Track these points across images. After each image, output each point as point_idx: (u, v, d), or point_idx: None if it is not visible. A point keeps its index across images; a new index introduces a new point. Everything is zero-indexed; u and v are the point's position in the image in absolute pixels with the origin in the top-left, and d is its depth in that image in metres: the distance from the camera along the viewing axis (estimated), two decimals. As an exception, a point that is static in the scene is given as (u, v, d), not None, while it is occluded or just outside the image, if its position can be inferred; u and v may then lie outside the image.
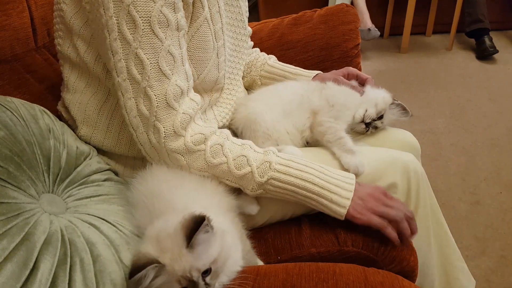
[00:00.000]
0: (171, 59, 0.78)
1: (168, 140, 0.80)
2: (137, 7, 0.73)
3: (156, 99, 0.78)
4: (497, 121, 2.32)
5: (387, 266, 0.85)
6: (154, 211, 0.76)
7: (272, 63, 1.23)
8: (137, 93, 0.78)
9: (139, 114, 0.79)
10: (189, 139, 0.81)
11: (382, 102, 1.06)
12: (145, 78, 0.76)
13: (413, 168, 0.97)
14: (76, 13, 0.85)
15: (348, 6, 1.47)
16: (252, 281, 0.72)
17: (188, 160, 0.82)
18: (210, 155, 0.82)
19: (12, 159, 0.67)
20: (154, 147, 0.82)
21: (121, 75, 0.77)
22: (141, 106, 0.78)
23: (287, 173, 0.83)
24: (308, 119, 1.04)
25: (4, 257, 0.57)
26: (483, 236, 1.60)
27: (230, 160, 0.83)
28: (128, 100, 0.79)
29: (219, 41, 0.94)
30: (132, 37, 0.74)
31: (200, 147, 0.82)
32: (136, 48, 0.75)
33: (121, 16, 0.74)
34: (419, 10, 3.03)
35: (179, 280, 0.64)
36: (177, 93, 0.79)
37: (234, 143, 0.85)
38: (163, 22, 0.76)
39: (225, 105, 1.05)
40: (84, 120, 0.92)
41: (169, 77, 0.78)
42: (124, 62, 0.76)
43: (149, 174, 0.83)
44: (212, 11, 0.90)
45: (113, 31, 0.75)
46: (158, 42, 0.76)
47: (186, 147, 0.81)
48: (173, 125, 0.79)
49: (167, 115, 0.79)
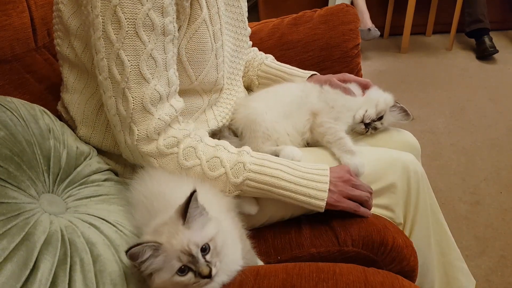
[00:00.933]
0: (152, 63, 0.78)
1: (140, 143, 0.81)
2: (123, 8, 0.73)
3: (133, 101, 0.78)
4: (497, 121, 2.32)
5: (387, 266, 0.85)
6: (153, 211, 0.75)
7: (269, 63, 1.23)
8: (117, 92, 0.78)
9: (118, 113, 0.80)
10: (161, 142, 0.81)
11: (382, 103, 1.06)
12: (124, 79, 0.77)
13: (413, 168, 0.97)
14: (73, 14, 0.85)
15: (348, 6, 1.47)
16: (252, 281, 0.72)
17: (160, 162, 0.83)
18: (182, 157, 0.83)
19: (12, 159, 0.67)
20: (128, 147, 0.82)
21: (103, 74, 0.78)
22: (119, 105, 0.79)
23: (262, 173, 0.84)
24: (308, 121, 1.04)
25: (4, 257, 0.57)
26: (483, 236, 1.60)
27: (204, 162, 0.83)
28: (108, 98, 0.80)
29: (217, 42, 0.94)
30: (116, 37, 0.75)
31: (172, 150, 0.82)
32: (119, 49, 0.75)
33: (107, 15, 0.74)
34: (419, 10, 3.03)
35: (178, 256, 0.64)
36: (155, 98, 0.79)
37: (208, 144, 0.85)
38: (148, 25, 0.76)
39: (225, 105, 1.05)
40: (83, 121, 0.92)
41: (148, 81, 0.78)
42: (106, 61, 0.77)
43: (148, 175, 0.83)
44: (211, 12, 0.90)
45: (98, 30, 0.75)
46: (141, 45, 0.76)
47: (158, 150, 0.81)
48: (146, 129, 0.80)
49: (142, 119, 0.79)
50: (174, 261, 0.64)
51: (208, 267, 0.65)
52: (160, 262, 0.64)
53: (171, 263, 0.64)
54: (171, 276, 0.64)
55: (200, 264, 0.65)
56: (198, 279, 0.65)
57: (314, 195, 0.84)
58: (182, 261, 0.64)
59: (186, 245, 0.64)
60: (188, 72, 0.90)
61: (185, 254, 0.64)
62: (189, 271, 0.65)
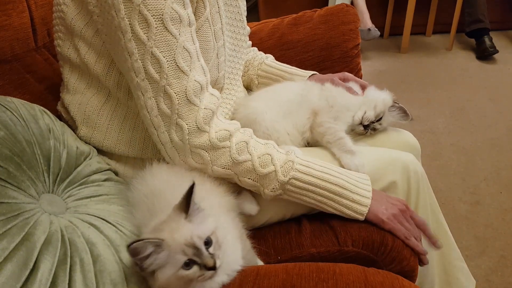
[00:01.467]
0: (187, 55, 0.77)
1: (192, 136, 0.80)
2: (147, 6, 0.73)
3: (177, 96, 0.77)
4: (497, 121, 2.32)
5: (387, 266, 0.85)
6: (154, 211, 0.75)
7: (269, 63, 1.23)
8: (157, 92, 0.77)
9: (160, 113, 0.79)
10: (213, 135, 0.81)
11: (381, 104, 1.06)
12: (163, 76, 0.76)
13: (413, 168, 0.97)
14: (77, 15, 0.85)
15: (348, 6, 1.47)
16: (252, 281, 0.72)
17: (212, 156, 0.82)
18: (235, 151, 0.82)
19: (12, 159, 0.67)
20: (175, 146, 0.81)
21: (140, 75, 0.77)
22: (161, 105, 0.78)
23: (309, 173, 0.83)
24: (308, 120, 1.04)
25: (4, 257, 0.57)
26: (483, 236, 1.60)
27: (255, 157, 0.83)
28: (148, 99, 0.78)
29: (219, 42, 0.94)
30: (146, 36, 0.74)
31: (225, 143, 0.82)
32: (151, 47, 0.75)
33: (132, 16, 0.73)
34: (419, 10, 3.03)
35: (183, 250, 0.64)
36: (197, 88, 0.79)
37: (258, 141, 0.86)
38: (176, 18, 0.75)
39: (225, 105, 1.05)
40: (84, 121, 0.92)
41: (187, 73, 0.78)
42: (140, 62, 0.76)
43: (149, 174, 0.83)
44: (212, 12, 0.90)
45: (127, 32, 0.74)
46: (172, 39, 0.75)
47: (211, 143, 0.81)
48: (196, 121, 0.79)
49: (189, 112, 0.79)
50: (178, 255, 0.64)
51: (212, 258, 0.66)
52: (163, 258, 0.64)
53: (175, 258, 0.64)
54: (176, 271, 0.64)
55: (205, 256, 0.65)
56: (203, 272, 0.65)
57: (358, 200, 0.84)
58: (187, 255, 0.65)
59: (190, 238, 0.65)
60: None
61: (190, 247, 0.65)
62: (194, 264, 0.65)
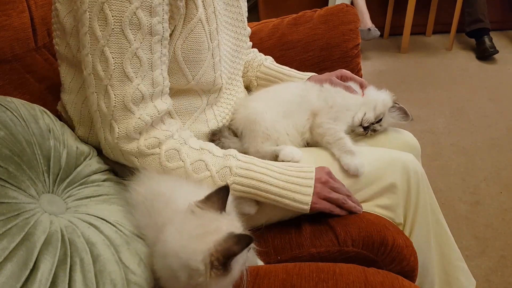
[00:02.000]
0: (137, 62, 0.78)
1: (120, 141, 0.81)
2: (111, 5, 0.73)
3: (115, 98, 0.78)
4: (497, 121, 2.32)
5: (387, 266, 0.85)
6: (154, 212, 0.75)
7: (268, 65, 1.24)
8: (99, 89, 0.79)
9: (98, 110, 0.80)
10: (142, 142, 0.81)
11: (381, 105, 1.05)
12: (107, 76, 0.77)
13: (413, 168, 0.97)
14: (69, 13, 0.85)
15: (348, 6, 1.47)
16: (252, 281, 0.72)
17: (141, 162, 0.83)
18: (165, 159, 0.83)
19: (12, 159, 0.67)
20: (108, 144, 0.83)
21: (87, 69, 0.78)
22: (101, 102, 0.79)
23: (249, 177, 0.85)
24: (308, 120, 1.04)
25: (4, 257, 0.57)
26: (483, 236, 1.60)
27: (188, 164, 0.84)
28: (91, 94, 0.80)
29: (214, 42, 0.94)
30: (101, 34, 0.75)
31: (154, 150, 0.82)
32: (104, 45, 0.75)
33: (94, 11, 0.74)
34: (419, 10, 3.03)
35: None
36: (137, 97, 0.79)
37: (192, 147, 0.86)
38: (135, 24, 0.76)
39: (225, 105, 1.05)
40: (80, 121, 0.92)
41: (131, 80, 0.78)
42: (90, 57, 0.77)
43: (147, 175, 0.83)
44: (207, 12, 0.90)
45: (85, 25, 0.76)
46: (126, 43, 0.76)
47: (139, 150, 0.81)
48: (126, 128, 0.80)
49: (123, 117, 0.79)
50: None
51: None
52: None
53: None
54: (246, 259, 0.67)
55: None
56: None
57: (299, 199, 0.86)
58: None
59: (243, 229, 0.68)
60: (184, 72, 0.90)
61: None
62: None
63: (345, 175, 0.94)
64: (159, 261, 0.69)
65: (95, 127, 0.83)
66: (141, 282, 0.71)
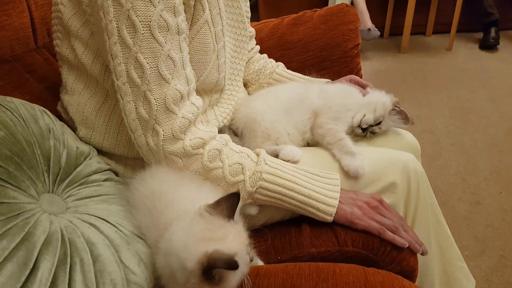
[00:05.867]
0: (171, 63, 0.78)
1: (166, 143, 0.80)
2: (137, 11, 0.73)
3: (156, 102, 0.78)
4: (497, 121, 2.32)
5: (387, 266, 0.85)
6: (155, 212, 0.76)
7: (280, 72, 1.25)
8: (137, 96, 0.78)
9: (138, 117, 0.80)
10: (188, 142, 0.81)
11: (381, 108, 1.05)
12: (144, 82, 0.76)
13: (413, 168, 0.97)
14: (74, 15, 0.85)
15: (348, 6, 1.47)
16: (252, 281, 0.72)
17: (185, 162, 0.83)
18: (207, 159, 0.83)
19: (12, 159, 0.67)
20: (151, 149, 0.82)
21: (121, 79, 0.77)
22: (140, 109, 0.78)
23: (274, 183, 0.84)
24: (308, 120, 1.04)
25: (4, 257, 0.57)
26: (483, 236, 1.60)
27: (226, 166, 0.84)
28: (127, 103, 0.79)
29: (219, 43, 0.94)
30: (132, 41, 0.74)
31: (198, 151, 0.83)
32: (136, 52, 0.75)
33: (121, 20, 0.73)
34: (419, 10, 3.04)
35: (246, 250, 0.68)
36: (177, 97, 0.79)
37: (232, 149, 0.86)
38: (163, 26, 0.76)
39: (226, 106, 1.05)
40: (82, 122, 0.92)
41: (168, 82, 0.78)
42: (124, 66, 0.76)
43: (149, 175, 0.83)
44: (213, 13, 0.90)
45: (113, 35, 0.75)
46: (158, 46, 0.76)
47: (184, 151, 0.81)
48: (172, 129, 0.80)
49: (167, 119, 0.79)
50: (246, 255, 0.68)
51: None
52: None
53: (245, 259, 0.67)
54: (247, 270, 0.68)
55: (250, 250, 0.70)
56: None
57: (323, 209, 0.85)
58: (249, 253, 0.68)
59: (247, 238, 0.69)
60: None
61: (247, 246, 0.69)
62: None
63: (345, 175, 0.94)
64: (161, 259, 0.69)
65: (134, 135, 0.82)
66: (141, 282, 0.71)
